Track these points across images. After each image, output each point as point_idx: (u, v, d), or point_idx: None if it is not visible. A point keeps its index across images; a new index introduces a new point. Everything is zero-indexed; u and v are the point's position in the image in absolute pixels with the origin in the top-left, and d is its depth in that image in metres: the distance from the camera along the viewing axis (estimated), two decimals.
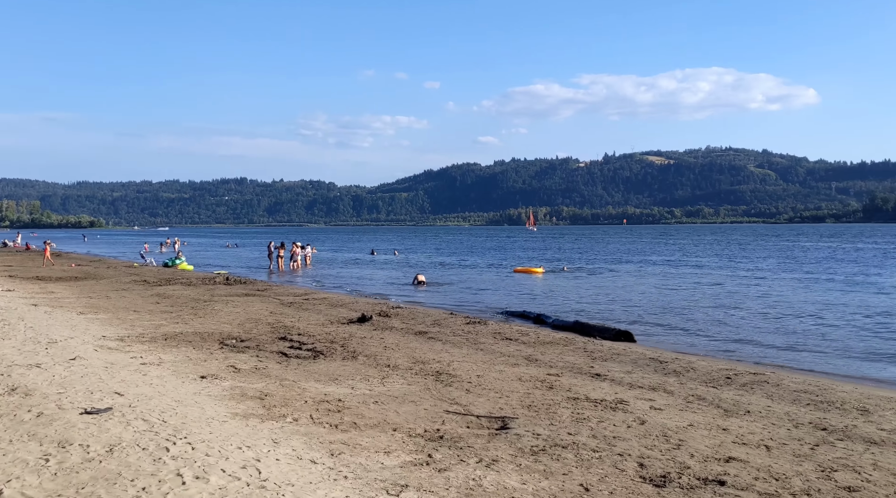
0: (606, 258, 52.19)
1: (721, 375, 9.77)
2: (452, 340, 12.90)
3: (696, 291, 26.21)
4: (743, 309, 20.54)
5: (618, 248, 72.65)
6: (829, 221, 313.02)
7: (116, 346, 11.69)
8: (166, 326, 14.49)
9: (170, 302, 19.54)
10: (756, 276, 33.47)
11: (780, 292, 25.60)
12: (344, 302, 20.21)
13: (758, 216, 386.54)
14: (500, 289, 28.06)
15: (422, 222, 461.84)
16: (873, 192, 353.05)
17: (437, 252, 66.45)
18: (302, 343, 12.43)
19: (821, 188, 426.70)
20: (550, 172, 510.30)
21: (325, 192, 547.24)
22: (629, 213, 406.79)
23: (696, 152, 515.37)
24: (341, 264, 47.22)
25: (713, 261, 47.05)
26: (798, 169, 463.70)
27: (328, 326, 14.81)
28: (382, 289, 28.13)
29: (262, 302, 19.97)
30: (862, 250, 59.88)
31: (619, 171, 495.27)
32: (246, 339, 13.00)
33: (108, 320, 15.29)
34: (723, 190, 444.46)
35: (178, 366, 10.04)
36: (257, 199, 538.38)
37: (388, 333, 13.91)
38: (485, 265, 45.44)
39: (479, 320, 15.70)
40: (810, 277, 32.14)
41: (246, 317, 16.31)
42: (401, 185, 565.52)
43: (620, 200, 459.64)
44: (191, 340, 12.66)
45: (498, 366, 10.30)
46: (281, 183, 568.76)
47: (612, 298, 24.08)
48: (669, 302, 22.56)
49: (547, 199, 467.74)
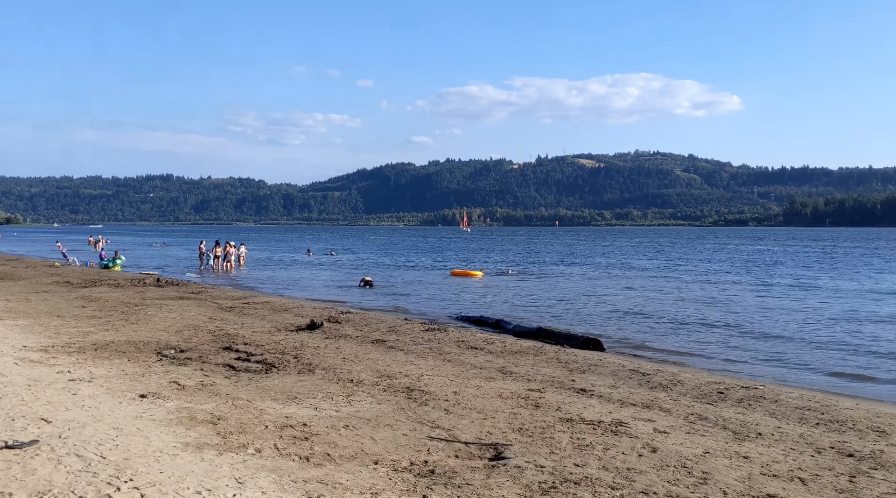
0: (549, 261, 52.02)
1: (712, 389, 9.17)
2: (415, 350, 12.01)
3: (649, 295, 25.97)
4: (699, 312, 20.28)
5: (558, 250, 72.88)
6: (751, 225, 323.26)
7: (40, 358, 10.38)
8: (95, 334, 13.15)
9: (97, 306, 18.04)
10: (703, 278, 33.61)
11: (731, 296, 25.57)
12: (288, 306, 19.05)
13: (684, 219, 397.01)
14: (448, 292, 27.27)
15: (355, 222, 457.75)
16: (793, 196, 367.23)
17: (376, 253, 65.28)
18: (250, 354, 11.33)
19: (743, 193, 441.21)
20: (484, 173, 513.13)
21: (254, 190, 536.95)
22: (561, 215, 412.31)
23: (625, 156, 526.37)
24: (277, 265, 45.65)
25: (656, 263, 47.38)
26: (722, 174, 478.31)
27: (275, 334, 13.71)
28: (326, 292, 26.98)
29: (199, 306, 18.65)
30: (799, 253, 61.50)
31: (551, 173, 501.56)
32: (186, 348, 11.83)
33: (29, 327, 13.83)
34: (650, 193, 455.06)
35: (112, 382, 8.87)
36: (184, 196, 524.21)
37: (342, 341, 12.92)
38: (426, 266, 44.64)
39: (437, 327, 14.84)
40: (758, 281, 32.43)
41: (183, 323, 15.05)
42: (333, 184, 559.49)
43: (553, 202, 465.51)
44: (124, 351, 11.42)
45: (472, 380, 9.47)
46: (209, 180, 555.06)
47: (563, 302, 23.57)
48: (624, 306, 22.15)
49: (481, 200, 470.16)
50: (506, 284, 31.16)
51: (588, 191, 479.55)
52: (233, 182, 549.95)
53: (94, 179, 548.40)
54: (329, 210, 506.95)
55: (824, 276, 35.35)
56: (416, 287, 29.12)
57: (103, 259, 40.97)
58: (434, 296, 25.57)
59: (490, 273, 36.77)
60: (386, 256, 59.90)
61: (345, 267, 43.99)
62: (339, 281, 32.40)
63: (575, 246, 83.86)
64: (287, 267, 43.48)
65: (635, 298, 24.72)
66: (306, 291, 26.95)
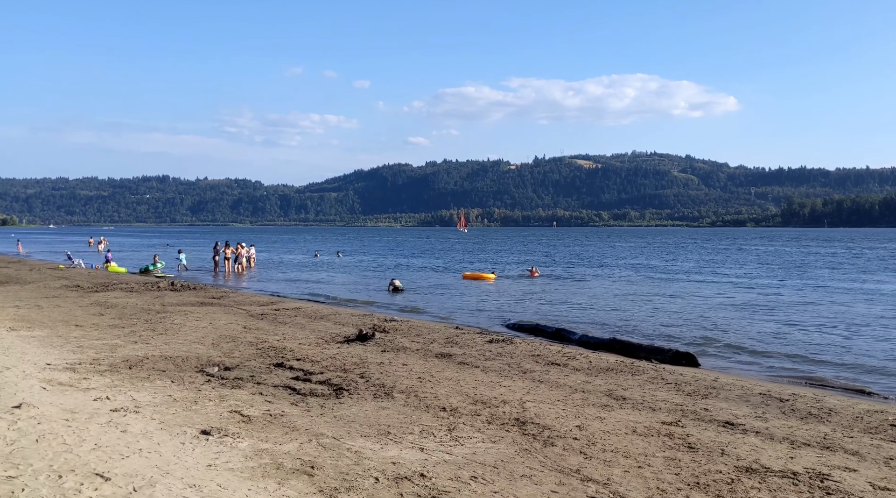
0: (571, 262, 50.56)
1: (878, 420, 7.73)
2: (492, 367, 10.56)
3: (696, 300, 24.53)
4: (770, 320, 18.85)
5: (572, 251, 71.40)
6: (749, 225, 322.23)
7: (69, 379, 8.92)
8: (123, 348, 11.68)
9: (116, 313, 16.56)
10: (744, 281, 32.20)
11: (785, 300, 24.17)
12: (322, 313, 17.58)
13: (681, 220, 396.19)
14: (478, 296, 25.80)
15: (352, 223, 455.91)
16: (790, 197, 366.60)
17: (383, 254, 63.76)
18: (307, 372, 9.88)
19: (741, 193, 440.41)
20: (482, 174, 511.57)
21: (251, 191, 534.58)
22: (558, 216, 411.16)
23: (622, 157, 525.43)
24: (287, 267, 44.14)
25: (686, 265, 45.97)
26: (719, 174, 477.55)
27: (325, 347, 12.25)
28: (352, 296, 25.50)
29: (226, 313, 17.18)
30: (823, 255, 60.17)
31: (548, 174, 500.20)
32: (232, 365, 10.37)
33: (48, 339, 12.35)
34: (648, 194, 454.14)
35: (163, 412, 7.41)
36: (180, 197, 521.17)
37: (403, 355, 11.46)
38: (437, 268, 43.16)
39: (500, 338, 13.38)
40: (807, 284, 31.06)
41: (217, 333, 13.58)
42: (330, 185, 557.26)
43: (550, 203, 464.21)
44: (163, 369, 9.96)
45: (586, 408, 8.02)
46: (205, 181, 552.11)
47: (610, 307, 22.11)
48: (681, 312, 20.69)
49: (478, 200, 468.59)
50: (532, 287, 29.70)
51: (585, 192, 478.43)
52: (229, 183, 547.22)
53: (90, 180, 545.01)
54: (326, 211, 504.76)
55: (888, 278, 33.80)
56: (441, 291, 27.66)
57: (109, 260, 39.53)
58: (465, 302, 24.09)
59: (501, 276, 35.09)
60: (394, 257, 58.40)
61: (358, 269, 42.48)
62: (361, 284, 30.91)
63: (586, 247, 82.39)
64: (298, 269, 41.96)
65: (681, 303, 23.29)
66: (331, 294, 25.46)
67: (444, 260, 53.63)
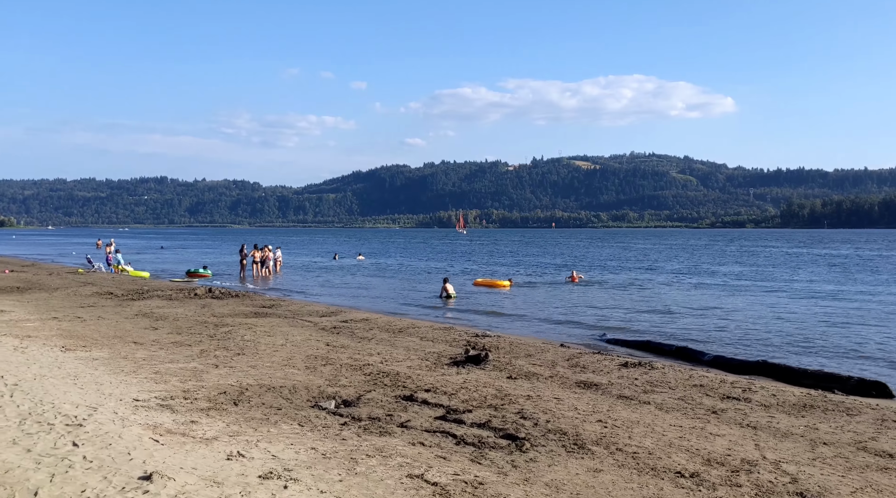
0: (602, 265, 48.79)
1: None
2: (664, 403, 8.73)
3: (780, 311, 22.77)
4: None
5: (592, 254, 69.60)
6: (749, 227, 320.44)
7: (174, 423, 7.10)
8: (207, 373, 9.88)
9: (169, 327, 14.74)
10: (823, 288, 30.49)
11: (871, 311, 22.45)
12: (398, 326, 15.76)
13: (680, 221, 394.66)
14: (535, 304, 24.02)
15: (350, 224, 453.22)
16: (789, 198, 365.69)
17: (405, 257, 61.91)
18: (451, 409, 8.07)
19: (739, 194, 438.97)
20: (480, 175, 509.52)
21: (249, 193, 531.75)
22: (557, 217, 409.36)
23: (620, 158, 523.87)
24: (313, 270, 42.29)
25: (732, 269, 44.24)
26: (718, 175, 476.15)
27: (439, 371, 10.47)
28: (407, 303, 23.68)
29: (291, 325, 15.38)
30: (876, 258, 58.52)
31: (547, 175, 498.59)
32: (350, 398, 8.60)
33: (113, 362, 10.54)
34: (646, 195, 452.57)
35: (326, 480, 5.59)
36: (178, 198, 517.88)
37: (540, 385, 9.66)
38: (470, 271, 41.31)
39: (636, 361, 11.55)
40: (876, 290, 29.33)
41: (302, 352, 11.78)
42: (328, 186, 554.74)
43: (548, 204, 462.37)
44: (273, 404, 8.18)
45: (868, 472, 6.23)
46: (203, 182, 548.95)
47: (689, 316, 20.33)
48: (761, 325, 18.93)
49: (476, 201, 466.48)
50: (576, 293, 27.90)
51: (584, 192, 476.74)
52: (227, 184, 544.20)
53: (88, 182, 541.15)
54: (324, 212, 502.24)
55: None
56: (490, 299, 25.86)
57: (109, 263, 37.72)
58: (527, 310, 22.27)
59: (531, 282, 32.87)
60: (418, 260, 56.59)
61: (390, 272, 40.61)
62: (406, 290, 28.98)
63: (602, 249, 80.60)
64: (326, 272, 40.09)
65: (766, 312, 21.53)
66: (379, 303, 23.63)
67: (472, 263, 51.78)
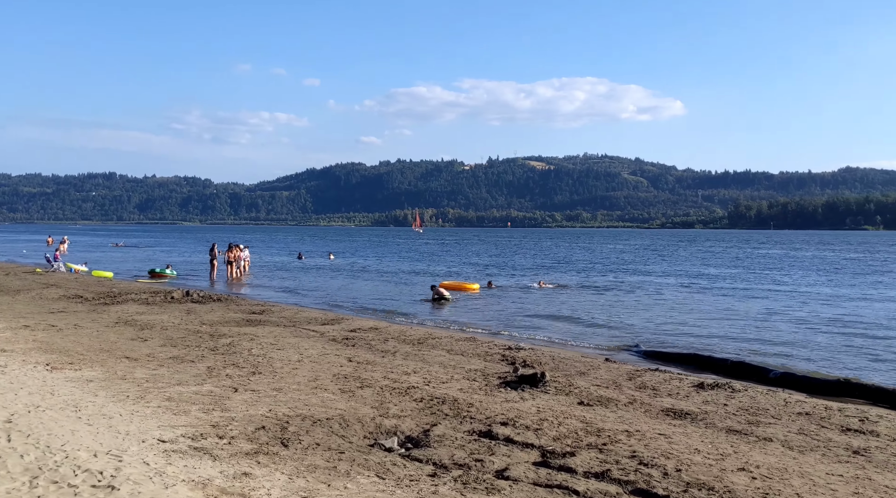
0: (575, 268, 47.90)
1: None
2: (782, 438, 7.54)
3: (803, 316, 21.97)
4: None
5: (555, 255, 68.87)
6: (697, 227, 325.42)
7: (224, 478, 5.62)
8: (230, 401, 8.37)
9: (160, 337, 13.10)
10: (824, 290, 29.91)
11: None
12: (416, 336, 14.32)
13: (632, 221, 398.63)
14: (537, 304, 22.83)
15: (304, 222, 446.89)
16: (736, 200, 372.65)
17: (376, 256, 60.16)
18: (551, 452, 6.72)
19: (688, 196, 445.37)
20: (436, 174, 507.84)
21: (200, 190, 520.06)
22: (513, 217, 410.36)
23: (574, 159, 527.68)
24: (282, 271, 40.46)
25: (715, 271, 43.71)
26: (668, 177, 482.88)
27: (495, 394, 9.12)
28: (405, 308, 22.21)
29: (296, 336, 13.87)
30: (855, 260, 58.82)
31: (502, 174, 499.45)
32: (414, 433, 7.24)
33: (111, 384, 8.96)
34: (599, 196, 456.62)
35: None
36: (127, 195, 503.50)
37: (627, 414, 8.38)
38: (441, 274, 39.97)
39: (714, 382, 10.30)
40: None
41: (328, 371, 10.32)
42: (282, 184, 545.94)
43: (504, 204, 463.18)
44: (329, 444, 6.76)
45: None
46: (153, 179, 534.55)
47: (680, 323, 19.31)
48: (798, 333, 18.04)
49: (432, 200, 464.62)
50: (556, 298, 26.82)
51: (538, 193, 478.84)
52: (178, 181, 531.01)
53: (34, 177, 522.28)
54: (277, 210, 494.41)
55: None
56: (482, 303, 24.60)
57: (53, 262, 35.27)
58: (527, 309, 21.04)
59: (484, 286, 29.95)
60: (390, 260, 55.00)
61: (369, 273, 38.99)
62: (394, 293, 27.46)
63: (571, 250, 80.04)
64: (299, 273, 38.32)
65: (779, 318, 20.70)
66: (374, 308, 22.14)
67: (443, 264, 50.45)
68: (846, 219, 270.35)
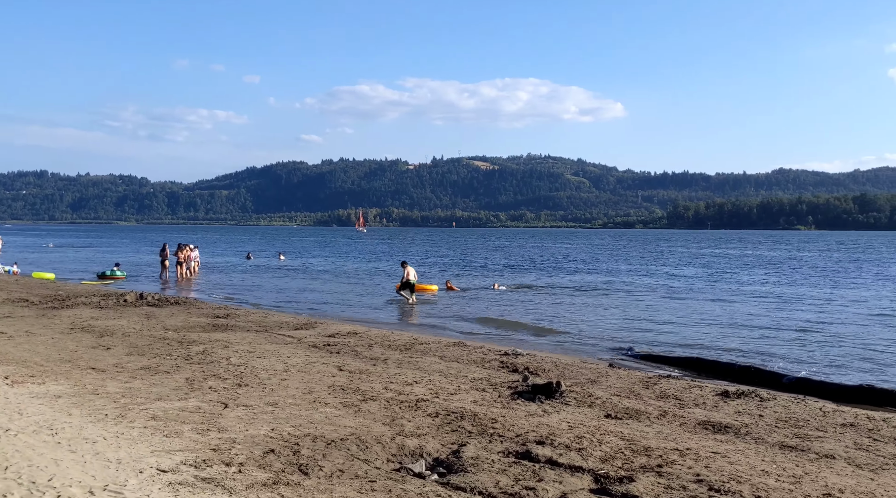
0: (531, 269, 47.58)
1: None
2: (843, 454, 7.01)
3: (798, 314, 21.86)
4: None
5: (516, 254, 68.62)
6: (638, 227, 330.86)
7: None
8: (223, 418, 7.45)
9: (124, 345, 12.01)
10: (785, 289, 30.03)
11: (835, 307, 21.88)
12: (401, 341, 13.49)
13: (574, 221, 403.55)
14: (502, 307, 22.24)
15: (244, 222, 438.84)
16: (675, 200, 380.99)
17: (326, 256, 58.89)
18: (604, 476, 6.02)
19: (629, 196, 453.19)
20: (380, 174, 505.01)
21: (136, 188, 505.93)
22: (458, 217, 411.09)
23: (518, 159, 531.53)
24: (232, 272, 39.02)
25: (675, 270, 43.86)
26: (609, 178, 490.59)
27: (524, 411, 8.39)
28: (360, 309, 21.38)
29: (272, 343, 12.92)
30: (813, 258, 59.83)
31: (446, 174, 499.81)
32: (444, 457, 6.48)
33: (82, 399, 7.94)
34: (542, 196, 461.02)
35: None
36: (59, 193, 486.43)
37: (665, 428, 7.75)
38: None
39: (738, 390, 9.73)
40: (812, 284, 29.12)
41: (322, 383, 9.45)
42: (221, 183, 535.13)
43: (448, 203, 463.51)
44: (353, 470, 5.95)
45: None
46: (87, 177, 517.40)
47: (646, 326, 18.98)
48: (784, 333, 17.84)
49: (376, 200, 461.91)
50: (521, 299, 26.36)
51: (483, 193, 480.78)
52: (113, 179, 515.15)
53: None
54: (216, 209, 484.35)
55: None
56: (447, 304, 23.93)
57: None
58: (491, 309, 20.45)
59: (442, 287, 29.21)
60: (343, 260, 53.85)
61: (329, 274, 37.87)
62: (361, 295, 26.53)
63: (523, 250, 79.96)
64: (253, 274, 36.97)
65: (766, 319, 20.53)
66: (344, 310, 21.22)
67: (392, 264, 49.54)
68: (780, 219, 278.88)
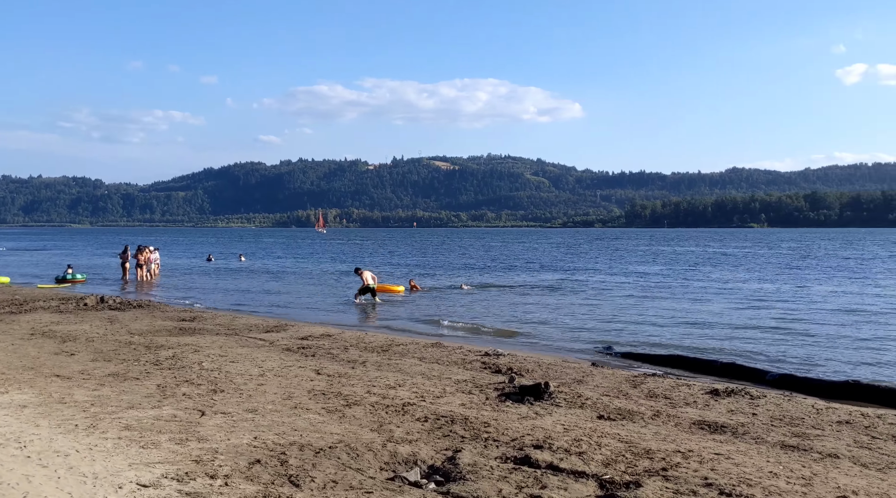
0: (496, 268, 47.44)
1: None
2: (846, 453, 6.88)
3: (731, 307, 21.95)
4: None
5: (480, 254, 68.49)
6: (597, 226, 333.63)
7: None
8: (201, 427, 7.09)
9: (88, 351, 11.50)
10: (755, 284, 30.28)
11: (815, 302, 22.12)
12: (376, 343, 13.16)
13: (535, 221, 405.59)
14: (472, 306, 22.02)
15: (202, 223, 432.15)
16: (632, 199, 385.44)
17: (288, 256, 58.05)
18: (609, 483, 5.76)
19: (588, 196, 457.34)
20: (339, 174, 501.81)
21: (90, 190, 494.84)
22: (419, 217, 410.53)
23: (478, 159, 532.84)
24: (193, 274, 38.16)
25: (640, 268, 44.02)
26: (568, 177, 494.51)
27: (516, 413, 8.15)
28: (327, 312, 20.95)
29: (244, 346, 12.51)
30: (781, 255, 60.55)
31: (407, 174, 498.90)
32: (439, 464, 6.22)
33: (49, 409, 7.50)
34: (503, 196, 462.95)
35: None
36: (11, 196, 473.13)
37: (661, 429, 7.57)
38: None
39: (727, 388, 9.58)
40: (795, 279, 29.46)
41: (301, 387, 9.11)
42: (178, 184, 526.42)
43: (409, 204, 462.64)
44: (347, 480, 5.66)
45: None
46: (39, 179, 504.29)
47: (624, 322, 18.97)
48: (758, 330, 17.91)
49: (336, 201, 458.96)
50: (491, 298, 26.20)
51: (443, 193, 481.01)
52: (66, 181, 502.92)
53: None
54: (173, 211, 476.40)
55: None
56: (414, 306, 23.63)
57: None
58: (461, 309, 20.22)
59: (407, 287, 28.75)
60: (306, 261, 53.12)
61: (290, 275, 37.20)
62: (326, 296, 26.07)
63: (492, 250, 79.91)
64: (215, 276, 36.17)
65: (751, 313, 20.61)
66: (313, 313, 20.75)
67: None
68: (734, 217, 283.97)
